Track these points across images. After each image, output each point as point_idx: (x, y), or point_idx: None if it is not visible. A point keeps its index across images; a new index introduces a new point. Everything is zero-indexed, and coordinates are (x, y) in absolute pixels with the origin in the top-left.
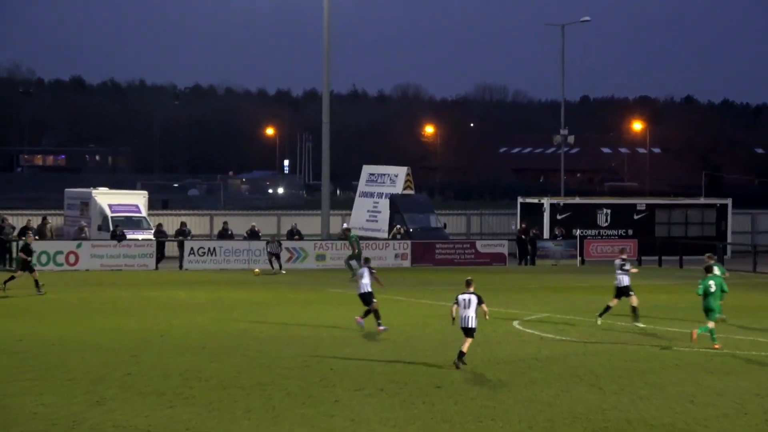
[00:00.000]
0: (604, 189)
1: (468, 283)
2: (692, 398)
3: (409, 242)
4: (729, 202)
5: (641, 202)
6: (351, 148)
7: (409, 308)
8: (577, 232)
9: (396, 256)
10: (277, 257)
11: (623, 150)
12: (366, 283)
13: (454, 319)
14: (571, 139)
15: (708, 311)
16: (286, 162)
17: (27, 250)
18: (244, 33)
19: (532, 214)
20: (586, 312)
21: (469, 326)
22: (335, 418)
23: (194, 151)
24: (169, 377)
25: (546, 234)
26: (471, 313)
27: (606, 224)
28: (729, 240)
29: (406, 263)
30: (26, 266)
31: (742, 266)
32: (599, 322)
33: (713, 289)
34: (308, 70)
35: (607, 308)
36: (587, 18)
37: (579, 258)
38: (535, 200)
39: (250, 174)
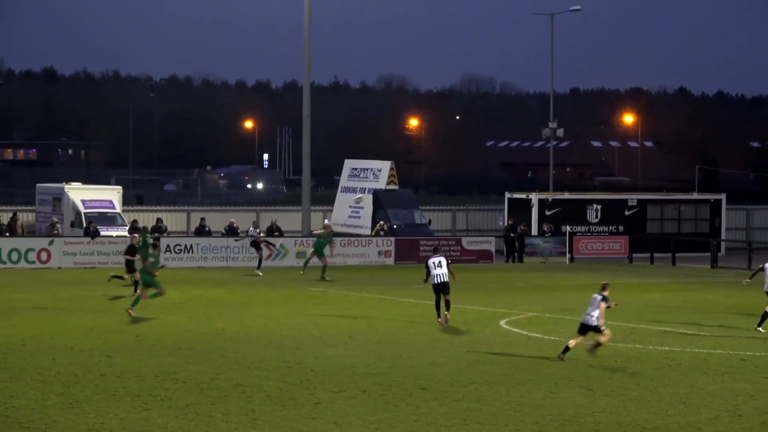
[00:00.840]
0: (594, 184)
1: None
2: (685, 400)
3: (392, 239)
4: (723, 197)
5: (632, 198)
6: (333, 142)
7: (393, 307)
8: (567, 229)
9: (379, 253)
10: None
11: (614, 143)
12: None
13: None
14: (560, 132)
15: None
16: (266, 156)
17: None
18: (221, 22)
19: (520, 209)
20: (576, 311)
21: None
22: (316, 420)
23: (170, 145)
24: (144, 379)
25: (534, 230)
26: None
27: (596, 220)
28: (723, 236)
29: (390, 261)
30: None
31: (736, 263)
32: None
33: None
34: (288, 60)
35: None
36: (577, 7)
37: (568, 255)
38: (523, 195)
39: (229, 168)
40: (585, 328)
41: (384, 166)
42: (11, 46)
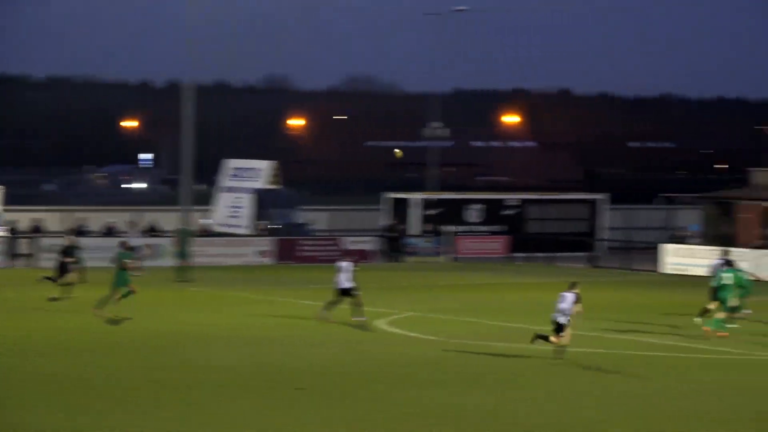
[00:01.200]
0: (476, 184)
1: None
2: (566, 398)
3: (272, 239)
4: (603, 197)
5: (513, 198)
6: (215, 142)
7: (273, 308)
8: (448, 229)
9: (258, 253)
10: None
11: (497, 144)
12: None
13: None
14: (443, 132)
15: (722, 302)
16: (146, 156)
17: None
18: (102, 19)
19: (402, 209)
20: (457, 311)
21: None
22: (191, 423)
23: (50, 144)
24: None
25: (415, 230)
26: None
27: (477, 220)
28: (604, 236)
29: (270, 261)
30: None
31: (617, 263)
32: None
33: (727, 281)
34: (171, 59)
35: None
36: (464, 7)
37: (449, 255)
38: (405, 195)
39: (109, 168)
40: (558, 326)
41: (265, 166)
42: None
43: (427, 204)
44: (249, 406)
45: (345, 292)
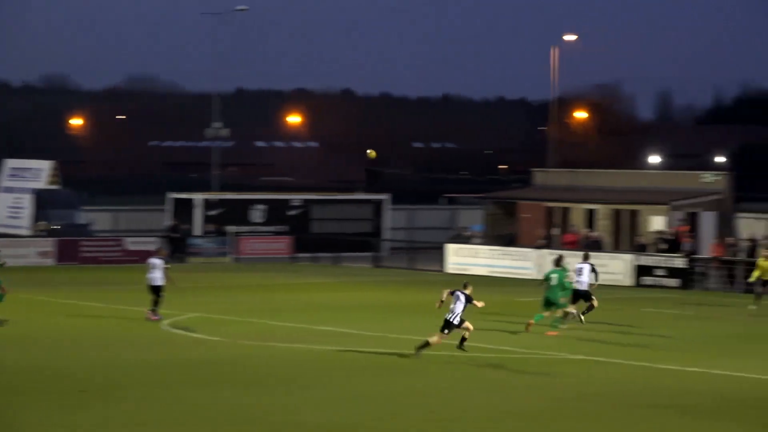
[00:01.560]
0: (259, 184)
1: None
2: (351, 398)
3: (53, 240)
4: (386, 197)
5: (296, 198)
6: None
7: (55, 309)
8: (231, 229)
9: (39, 254)
10: None
11: (280, 144)
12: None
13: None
14: (225, 132)
15: (550, 302)
16: None
17: None
18: None
19: (185, 210)
20: (240, 312)
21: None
22: None
23: None
24: None
25: (198, 231)
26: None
27: (261, 220)
28: (386, 236)
29: (50, 261)
30: None
31: (399, 263)
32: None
33: (554, 281)
34: None
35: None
36: (244, 7)
37: (232, 255)
38: (188, 196)
39: None
40: (448, 325)
41: (45, 166)
42: None
43: (210, 204)
44: (32, 408)
45: (156, 290)
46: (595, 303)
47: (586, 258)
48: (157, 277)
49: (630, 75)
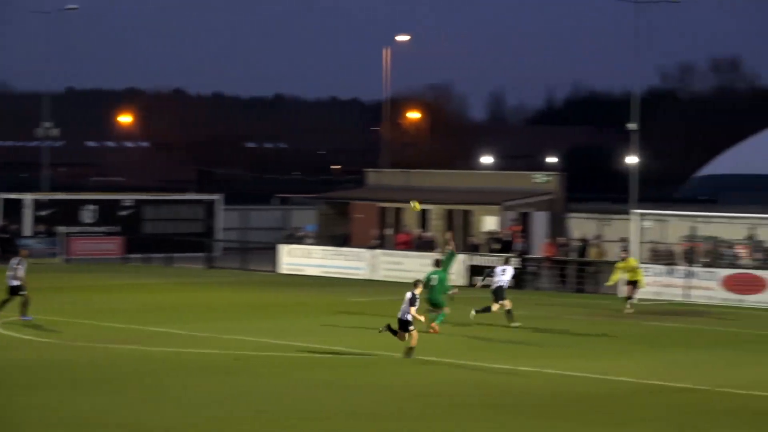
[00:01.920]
0: (90, 184)
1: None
2: (188, 400)
3: None
4: (219, 197)
5: (128, 198)
6: None
7: None
8: (61, 230)
9: None
10: None
11: (111, 144)
12: None
13: None
14: (55, 131)
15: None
16: None
17: None
18: None
19: (14, 210)
20: (70, 313)
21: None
22: None
23: None
24: None
25: (28, 231)
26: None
27: (91, 221)
28: (219, 237)
29: None
30: None
31: (232, 263)
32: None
33: (434, 282)
34: None
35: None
36: (74, 6)
37: (62, 256)
38: (17, 196)
39: None
40: (403, 324)
41: None
42: None
43: (39, 204)
44: None
45: (15, 290)
46: (496, 308)
47: (506, 262)
48: (11, 277)
49: (463, 75)
